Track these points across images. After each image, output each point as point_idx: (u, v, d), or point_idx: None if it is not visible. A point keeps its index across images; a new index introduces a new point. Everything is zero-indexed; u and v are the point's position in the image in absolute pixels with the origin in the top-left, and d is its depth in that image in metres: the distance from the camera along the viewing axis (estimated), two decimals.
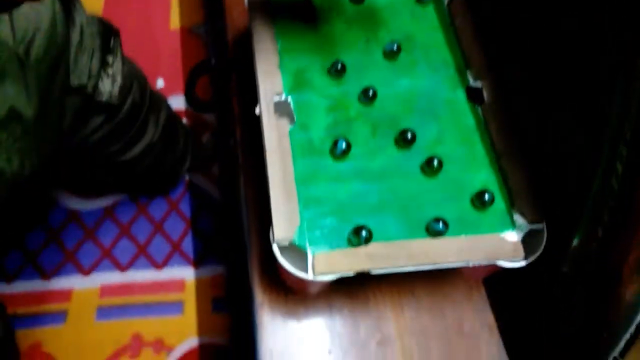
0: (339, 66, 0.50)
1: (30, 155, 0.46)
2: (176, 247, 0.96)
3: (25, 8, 0.43)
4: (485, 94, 0.51)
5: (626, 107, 0.32)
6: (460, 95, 0.52)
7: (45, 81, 0.46)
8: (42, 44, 0.45)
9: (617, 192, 0.32)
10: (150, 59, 1.12)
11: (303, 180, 0.45)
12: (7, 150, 0.43)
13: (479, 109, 0.51)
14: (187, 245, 0.96)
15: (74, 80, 0.51)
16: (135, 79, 0.63)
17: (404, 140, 0.47)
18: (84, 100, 0.54)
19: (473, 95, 0.52)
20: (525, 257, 0.43)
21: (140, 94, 0.65)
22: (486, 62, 0.53)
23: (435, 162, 0.46)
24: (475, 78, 0.52)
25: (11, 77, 0.42)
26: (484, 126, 0.50)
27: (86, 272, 0.93)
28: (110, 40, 0.56)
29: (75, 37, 0.51)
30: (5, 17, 0.41)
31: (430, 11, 0.57)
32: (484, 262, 0.43)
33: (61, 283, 0.91)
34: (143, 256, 0.95)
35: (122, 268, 0.93)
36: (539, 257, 0.43)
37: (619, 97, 0.32)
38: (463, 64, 0.53)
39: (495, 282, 0.53)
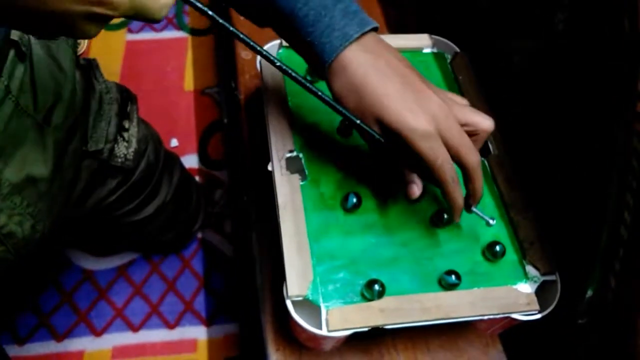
0: (348, 123, 0.52)
1: (43, 219, 0.47)
2: (188, 306, 0.95)
3: (46, 78, 0.45)
4: (491, 147, 0.52)
5: (629, 155, 0.32)
6: None
7: (61, 145, 0.47)
8: (62, 113, 0.46)
9: (627, 241, 0.32)
10: (165, 119, 1.16)
11: (315, 235, 0.45)
12: (20, 213, 0.44)
13: (486, 162, 0.52)
14: (200, 303, 0.96)
15: (92, 146, 0.53)
16: (150, 141, 0.65)
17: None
18: (99, 164, 0.55)
19: (480, 148, 0.52)
20: (540, 310, 0.42)
21: (154, 155, 0.66)
22: (491, 114, 0.54)
23: (445, 214, 0.46)
24: None
25: (30, 145, 0.43)
26: (491, 178, 0.51)
27: (98, 333, 0.92)
28: (127, 106, 0.58)
29: (94, 104, 0.53)
30: (28, 87, 0.43)
31: (434, 68, 0.59)
32: (498, 316, 0.42)
33: (73, 344, 0.91)
34: (155, 316, 0.94)
35: (135, 328, 0.93)
36: (554, 310, 0.42)
37: (620, 146, 0.33)
38: None
39: (512, 337, 0.52)
